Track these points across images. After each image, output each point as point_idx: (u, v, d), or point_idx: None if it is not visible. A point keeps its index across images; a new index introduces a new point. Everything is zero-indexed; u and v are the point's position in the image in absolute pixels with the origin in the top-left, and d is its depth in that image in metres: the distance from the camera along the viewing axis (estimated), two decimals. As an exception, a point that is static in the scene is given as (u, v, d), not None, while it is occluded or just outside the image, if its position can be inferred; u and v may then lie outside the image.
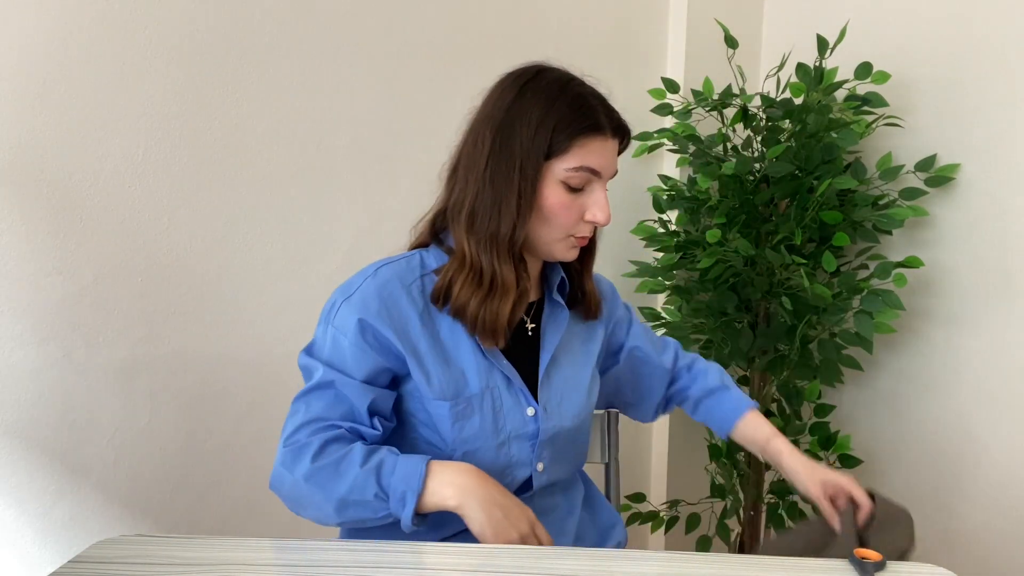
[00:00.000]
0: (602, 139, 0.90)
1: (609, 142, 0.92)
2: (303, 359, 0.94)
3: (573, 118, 0.89)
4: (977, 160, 1.59)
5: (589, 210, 0.92)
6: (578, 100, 0.90)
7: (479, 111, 0.94)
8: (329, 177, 1.42)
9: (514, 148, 0.89)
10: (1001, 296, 1.58)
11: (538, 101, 0.89)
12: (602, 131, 0.90)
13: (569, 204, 0.91)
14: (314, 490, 0.86)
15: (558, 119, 0.88)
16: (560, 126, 0.88)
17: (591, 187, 0.92)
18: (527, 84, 0.91)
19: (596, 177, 0.91)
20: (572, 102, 0.90)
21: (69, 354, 1.17)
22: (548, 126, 0.88)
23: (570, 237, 0.94)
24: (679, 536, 1.88)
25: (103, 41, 1.16)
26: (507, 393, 0.95)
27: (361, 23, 1.42)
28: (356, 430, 0.89)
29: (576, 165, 0.89)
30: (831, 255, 1.54)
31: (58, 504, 1.18)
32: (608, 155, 0.92)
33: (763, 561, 0.82)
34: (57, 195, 1.14)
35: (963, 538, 1.68)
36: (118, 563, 0.78)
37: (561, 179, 0.90)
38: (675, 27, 1.90)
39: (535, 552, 0.85)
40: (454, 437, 0.92)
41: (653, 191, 1.84)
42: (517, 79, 0.92)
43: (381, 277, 0.92)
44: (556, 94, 0.90)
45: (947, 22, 1.62)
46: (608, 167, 0.92)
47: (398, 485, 0.84)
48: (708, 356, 1.77)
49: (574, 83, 0.92)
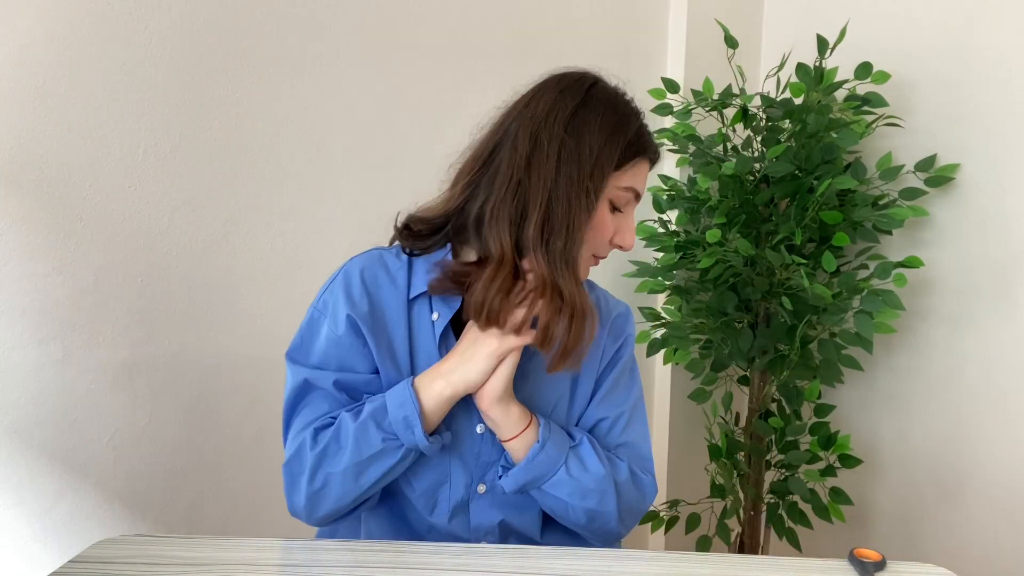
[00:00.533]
0: (647, 163, 0.91)
1: (647, 167, 0.92)
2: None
3: (637, 136, 0.88)
4: (977, 160, 1.59)
5: (620, 233, 0.90)
6: (637, 119, 0.89)
7: (523, 112, 0.87)
8: (329, 177, 1.42)
9: (584, 156, 0.84)
10: (1001, 296, 1.58)
11: (607, 111, 0.87)
12: (649, 155, 0.90)
13: (608, 223, 0.88)
14: (326, 477, 0.85)
15: (628, 134, 0.87)
16: (630, 140, 0.87)
17: (627, 210, 0.91)
18: (591, 90, 0.88)
19: (635, 201, 0.91)
20: (634, 119, 0.89)
21: (69, 354, 1.17)
22: (618, 139, 0.86)
23: (592, 256, 0.91)
24: (679, 536, 1.88)
25: (103, 41, 1.16)
26: (458, 406, 0.89)
27: (362, 23, 1.42)
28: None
29: (628, 184, 0.88)
30: (831, 255, 1.54)
31: (58, 504, 1.18)
32: (646, 180, 0.92)
33: (763, 561, 0.82)
34: (57, 195, 1.14)
35: (963, 538, 1.68)
36: (118, 563, 0.78)
37: (611, 196, 0.88)
38: (675, 27, 1.90)
39: (535, 552, 0.85)
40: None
41: (653, 191, 1.84)
42: (578, 83, 0.88)
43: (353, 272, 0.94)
44: (623, 107, 0.89)
45: (947, 22, 1.62)
46: (643, 193, 0.92)
47: (397, 415, 0.83)
48: (708, 356, 1.77)
49: (628, 99, 0.91)
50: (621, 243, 0.90)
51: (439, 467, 0.91)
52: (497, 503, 0.92)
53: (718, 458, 1.77)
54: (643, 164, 0.90)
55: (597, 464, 0.89)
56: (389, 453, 0.84)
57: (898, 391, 1.78)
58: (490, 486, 0.92)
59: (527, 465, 0.87)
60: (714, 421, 1.85)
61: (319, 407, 0.89)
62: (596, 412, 0.97)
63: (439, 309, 0.90)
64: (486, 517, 0.92)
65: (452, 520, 0.91)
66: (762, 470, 1.78)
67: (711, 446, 1.79)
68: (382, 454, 0.84)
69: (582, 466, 0.89)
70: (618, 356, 1.00)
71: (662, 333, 1.75)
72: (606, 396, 0.98)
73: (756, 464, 1.77)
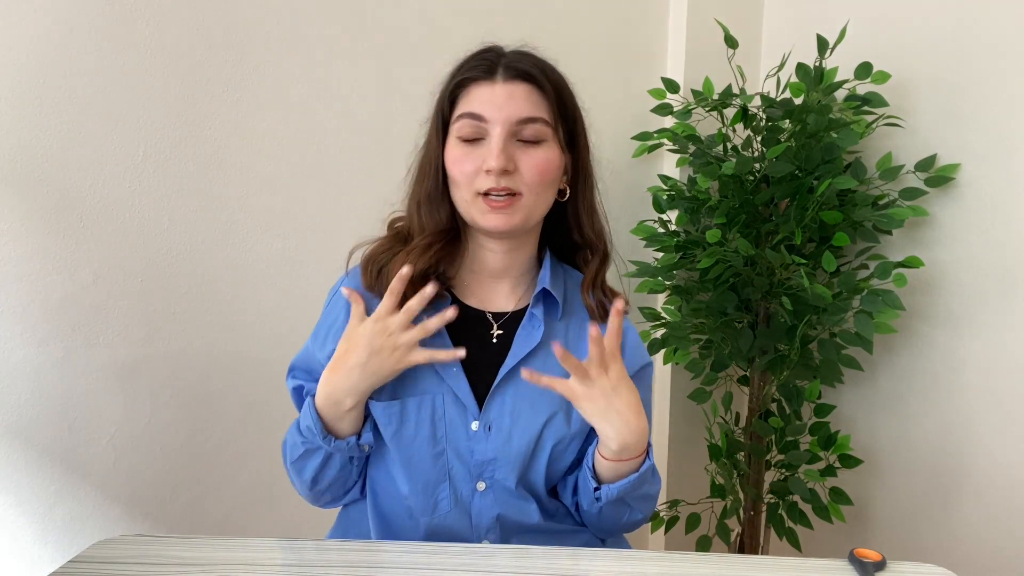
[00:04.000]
0: (487, 84, 0.89)
1: (497, 87, 0.88)
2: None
3: (459, 69, 0.92)
4: (977, 160, 1.59)
5: (485, 160, 0.87)
6: (471, 57, 0.92)
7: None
8: (329, 177, 1.42)
9: (432, 111, 0.94)
10: (1001, 296, 1.58)
11: (454, 68, 0.93)
12: (484, 77, 0.89)
13: (461, 157, 0.89)
14: (289, 474, 0.96)
15: (455, 73, 0.92)
16: (454, 75, 0.92)
17: (488, 137, 0.88)
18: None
19: (483, 123, 0.87)
20: (466, 59, 0.92)
21: (69, 354, 1.17)
22: (449, 81, 0.92)
23: (478, 197, 0.88)
24: (679, 536, 1.88)
25: (103, 41, 1.16)
26: (452, 403, 0.91)
27: (361, 22, 1.42)
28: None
29: (459, 113, 0.90)
30: (831, 255, 1.54)
31: (58, 504, 1.18)
32: (496, 99, 0.87)
33: (763, 561, 0.82)
34: (57, 195, 1.14)
35: (963, 538, 1.68)
36: (118, 563, 0.78)
37: (455, 134, 0.90)
38: (675, 27, 1.90)
39: (535, 552, 0.85)
40: (388, 437, 0.91)
41: (653, 191, 1.84)
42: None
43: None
44: (462, 59, 0.93)
45: (947, 22, 1.62)
46: (495, 111, 0.87)
47: (304, 423, 0.89)
48: (708, 356, 1.77)
49: (482, 46, 0.93)
50: (487, 167, 0.87)
51: (438, 466, 0.91)
52: (498, 500, 0.92)
53: (718, 458, 1.77)
54: (478, 88, 0.89)
55: (658, 476, 0.95)
56: (313, 454, 0.91)
57: (898, 391, 1.78)
58: (489, 483, 0.92)
59: (637, 479, 0.89)
60: (714, 421, 1.85)
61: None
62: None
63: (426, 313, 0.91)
64: (487, 514, 0.92)
65: (453, 518, 0.91)
66: (762, 470, 1.78)
67: (711, 446, 1.79)
68: (307, 455, 0.91)
69: (655, 480, 0.94)
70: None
71: (662, 333, 1.75)
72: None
73: (756, 464, 1.77)
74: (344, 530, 1.00)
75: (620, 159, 1.87)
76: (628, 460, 0.88)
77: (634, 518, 0.95)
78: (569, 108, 0.93)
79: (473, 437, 0.91)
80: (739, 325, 1.71)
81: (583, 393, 0.84)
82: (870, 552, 0.80)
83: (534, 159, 0.88)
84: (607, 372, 0.85)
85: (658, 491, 0.95)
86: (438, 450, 0.90)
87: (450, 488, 0.91)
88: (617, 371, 0.86)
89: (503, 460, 0.91)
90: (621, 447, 0.86)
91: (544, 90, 0.89)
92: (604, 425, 0.85)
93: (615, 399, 0.85)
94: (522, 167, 0.88)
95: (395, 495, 0.93)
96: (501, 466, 0.91)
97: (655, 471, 0.93)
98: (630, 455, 0.87)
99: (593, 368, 0.84)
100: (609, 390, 0.84)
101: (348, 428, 0.89)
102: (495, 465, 0.91)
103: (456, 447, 0.91)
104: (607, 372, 0.85)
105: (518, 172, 0.87)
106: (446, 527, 0.92)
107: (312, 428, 0.87)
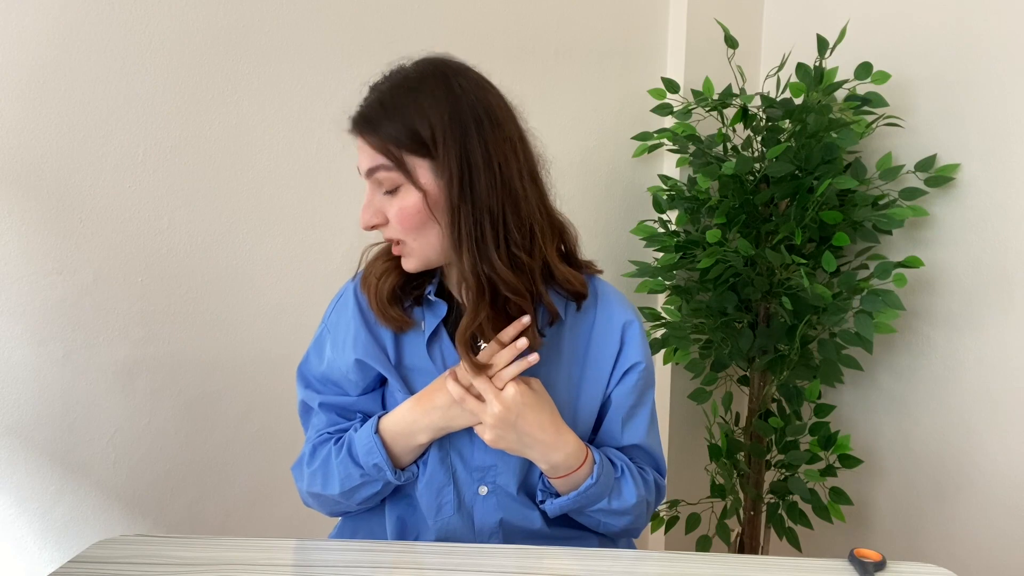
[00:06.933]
0: (356, 137, 0.86)
1: (359, 141, 0.86)
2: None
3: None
4: (977, 160, 1.59)
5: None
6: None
7: None
8: (329, 177, 1.42)
9: None
10: (1001, 296, 1.58)
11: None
12: (350, 129, 0.86)
13: (365, 206, 0.86)
14: (319, 499, 0.95)
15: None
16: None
17: (369, 188, 0.87)
18: None
19: (365, 176, 0.86)
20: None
21: (69, 354, 1.17)
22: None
23: (391, 241, 0.89)
24: (679, 536, 1.88)
25: (103, 40, 1.16)
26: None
27: (361, 23, 1.42)
28: (342, 430, 0.95)
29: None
30: (831, 255, 1.54)
31: (58, 504, 1.18)
32: (362, 153, 0.85)
33: (763, 561, 0.82)
34: (57, 195, 1.14)
35: (963, 538, 1.68)
36: (118, 563, 0.78)
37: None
38: (675, 27, 1.90)
39: (535, 552, 0.85)
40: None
41: (653, 191, 1.84)
42: None
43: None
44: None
45: (947, 22, 1.62)
46: (361, 166, 0.86)
47: (368, 462, 0.89)
48: (708, 356, 1.77)
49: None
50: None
51: (442, 471, 0.92)
52: (501, 505, 0.92)
53: (718, 458, 1.77)
54: (357, 141, 0.86)
55: (633, 492, 0.92)
56: (371, 484, 0.91)
57: (898, 391, 1.78)
58: (491, 488, 0.92)
59: (577, 497, 0.89)
60: (714, 421, 1.85)
61: (317, 423, 0.97)
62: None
63: (426, 319, 0.93)
64: (490, 518, 0.92)
65: (457, 521, 0.92)
66: (762, 470, 1.78)
67: (711, 446, 1.79)
68: (364, 485, 0.91)
69: (621, 497, 0.92)
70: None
71: (662, 333, 1.75)
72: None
73: (756, 464, 1.77)
74: (352, 531, 1.00)
75: (620, 159, 1.87)
76: (565, 476, 0.89)
77: (611, 529, 0.94)
78: (424, 130, 0.81)
79: (474, 441, 0.92)
80: (739, 325, 1.71)
81: (483, 425, 0.86)
82: (870, 552, 0.80)
83: (394, 209, 0.84)
84: (503, 393, 0.85)
85: (633, 506, 0.91)
86: (444, 452, 0.92)
87: (454, 491, 0.92)
88: (518, 391, 0.85)
89: (503, 466, 0.92)
90: (551, 467, 0.88)
91: (375, 132, 0.82)
92: (521, 451, 0.87)
93: (520, 422, 0.85)
94: (390, 216, 0.85)
95: (410, 495, 0.95)
96: (502, 472, 0.92)
97: (628, 485, 0.91)
98: (568, 470, 0.88)
99: (487, 391, 0.85)
100: (505, 416, 0.84)
101: (410, 459, 0.91)
102: (496, 471, 0.92)
103: (459, 450, 0.92)
104: (503, 393, 0.85)
105: (390, 223, 0.86)
106: (451, 530, 0.92)
107: (381, 466, 0.88)
